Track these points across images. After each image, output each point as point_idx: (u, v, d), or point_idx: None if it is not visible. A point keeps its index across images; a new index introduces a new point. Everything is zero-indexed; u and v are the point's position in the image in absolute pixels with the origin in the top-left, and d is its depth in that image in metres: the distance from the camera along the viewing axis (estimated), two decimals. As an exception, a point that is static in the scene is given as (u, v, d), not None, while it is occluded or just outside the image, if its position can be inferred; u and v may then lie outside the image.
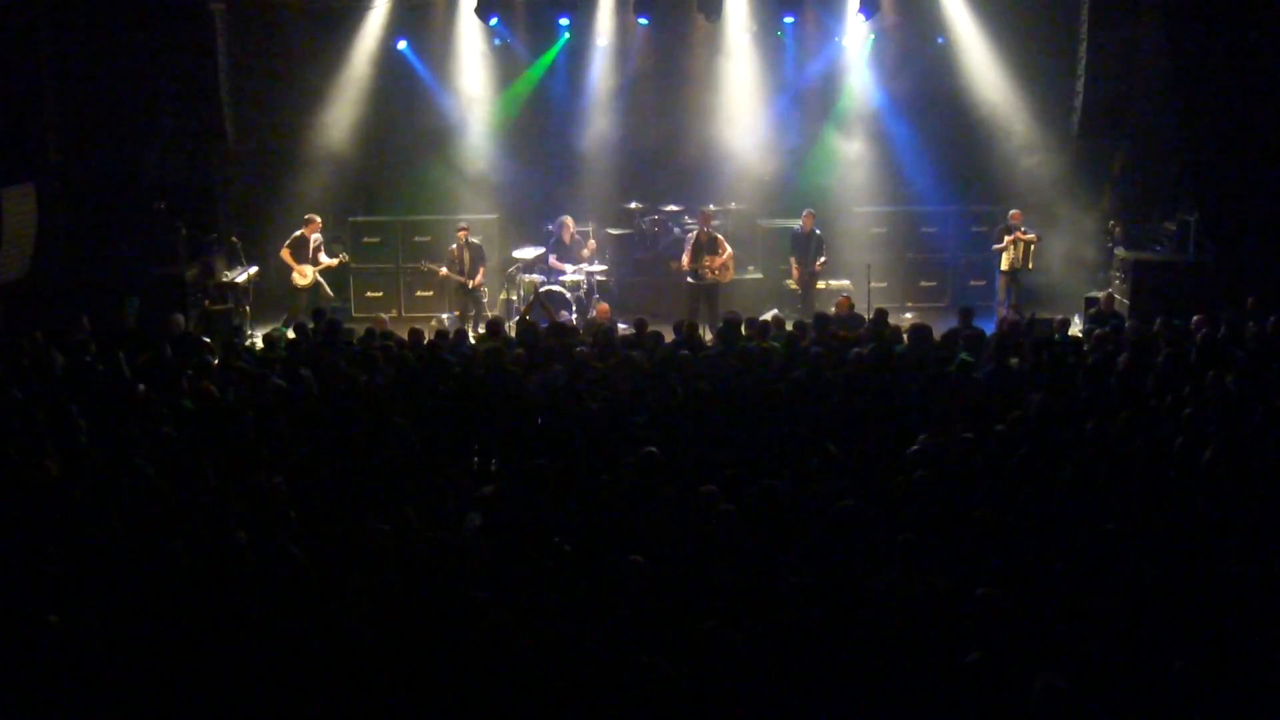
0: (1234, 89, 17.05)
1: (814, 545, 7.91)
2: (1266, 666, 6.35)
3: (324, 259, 17.11)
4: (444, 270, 16.97)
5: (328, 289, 17.27)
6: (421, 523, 8.12)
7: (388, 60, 18.63)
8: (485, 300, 17.36)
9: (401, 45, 18.56)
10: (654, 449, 9.08)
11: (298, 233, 17.04)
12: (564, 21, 18.21)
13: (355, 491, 9.03)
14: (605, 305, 16.18)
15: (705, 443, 9.82)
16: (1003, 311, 16.80)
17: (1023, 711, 5.90)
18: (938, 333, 13.12)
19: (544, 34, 18.67)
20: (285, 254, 16.99)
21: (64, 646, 6.49)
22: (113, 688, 6.29)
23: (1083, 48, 18.17)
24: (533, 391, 11.13)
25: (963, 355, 11.94)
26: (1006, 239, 17.10)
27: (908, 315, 16.86)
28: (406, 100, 18.92)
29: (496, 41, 18.65)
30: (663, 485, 8.67)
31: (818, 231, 17.37)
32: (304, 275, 16.90)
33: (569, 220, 17.58)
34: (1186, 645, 6.48)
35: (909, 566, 7.32)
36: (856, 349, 11.98)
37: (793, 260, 17.44)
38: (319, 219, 17.28)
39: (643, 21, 17.71)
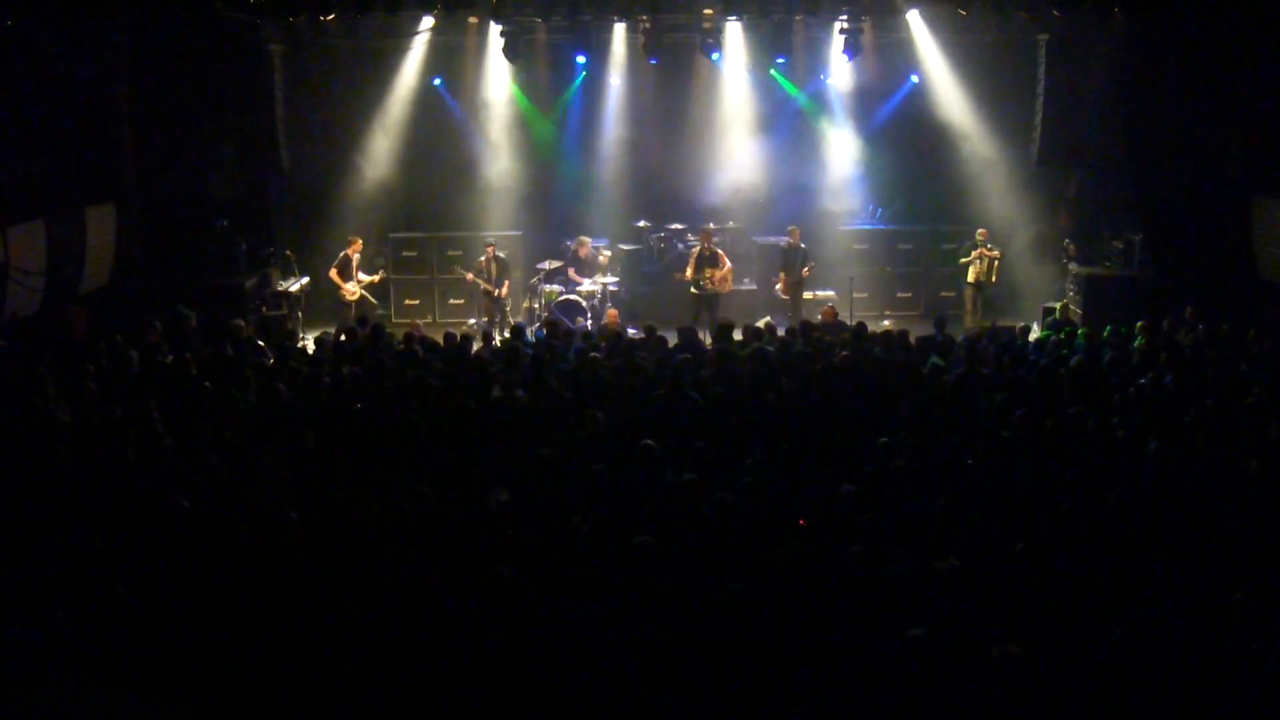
0: (1175, 123, 17.13)
1: (810, 529, 7.93)
2: (1201, 633, 6.38)
3: (363, 275, 17.12)
4: (470, 275, 17.01)
5: (371, 299, 17.29)
6: (447, 503, 8.13)
7: (425, 94, 18.73)
8: (509, 308, 17.40)
9: (436, 82, 18.69)
10: (650, 442, 9.02)
11: (342, 254, 17.06)
12: (581, 60, 18.26)
13: (391, 475, 9.04)
14: (615, 312, 16.22)
15: (706, 436, 9.80)
16: (970, 320, 16.85)
17: (982, 674, 5.93)
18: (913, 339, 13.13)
19: (563, 71, 18.76)
20: (334, 274, 17.00)
21: (134, 612, 6.55)
22: (175, 655, 6.32)
23: (1040, 86, 18.27)
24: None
25: (934, 359, 11.95)
26: (973, 254, 17.13)
27: (886, 322, 16.86)
28: (441, 130, 18.99)
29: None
30: (664, 474, 8.67)
31: (803, 245, 17.40)
32: (350, 292, 16.94)
33: (585, 238, 17.64)
34: (1130, 616, 6.50)
35: (877, 542, 7.33)
36: (841, 352, 12.00)
37: (781, 273, 17.47)
38: (359, 240, 17.27)
39: (653, 62, 17.78)
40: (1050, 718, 5.90)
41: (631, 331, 14.42)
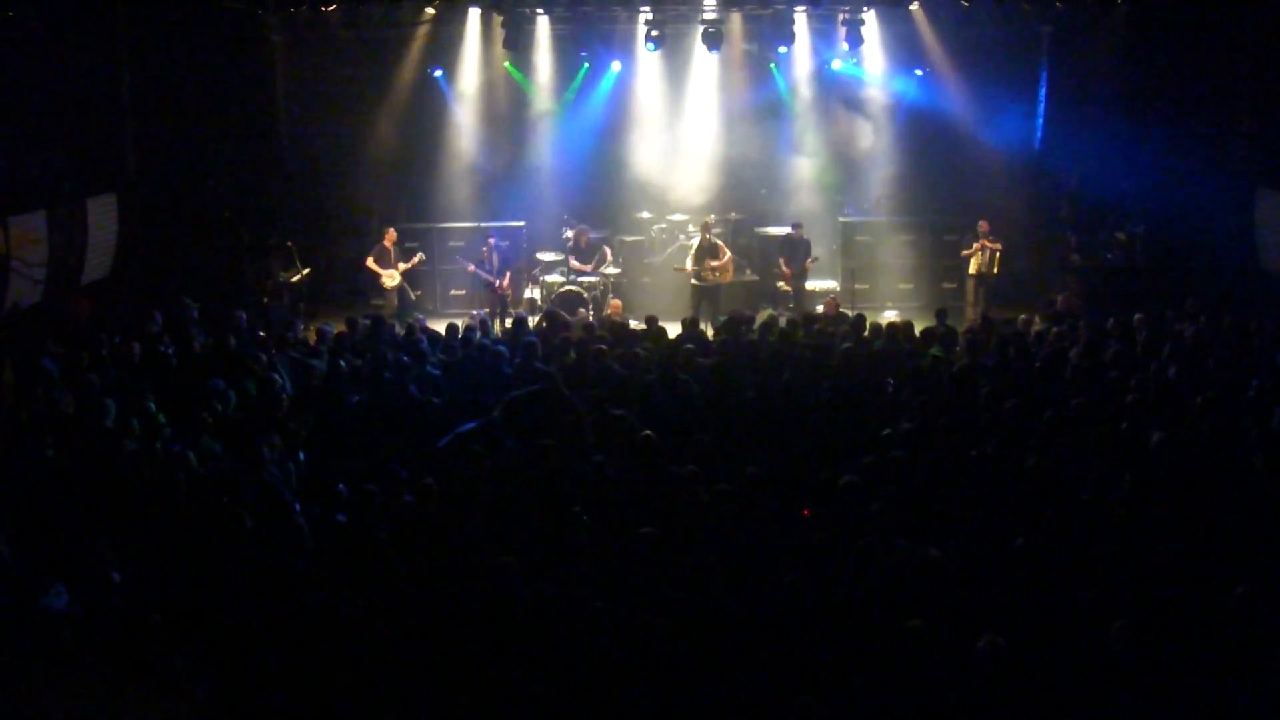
0: (1177, 115, 17.10)
1: (814, 520, 7.91)
2: (1203, 627, 6.37)
3: (402, 263, 17.09)
4: (471, 266, 17.01)
5: (408, 288, 17.41)
6: (448, 493, 8.11)
7: (426, 85, 18.69)
8: (510, 298, 17.38)
9: (437, 73, 18.64)
10: (650, 433, 8.95)
11: (377, 244, 17.04)
12: (582, 54, 18.17)
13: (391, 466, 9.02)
14: (618, 302, 16.18)
15: (709, 429, 9.75)
16: (972, 312, 16.81)
17: (970, 666, 5.93)
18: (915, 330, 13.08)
19: (564, 61, 18.70)
20: (370, 263, 16.97)
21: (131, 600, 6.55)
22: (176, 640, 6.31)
23: (1043, 79, 18.21)
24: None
25: (934, 350, 11.91)
26: (975, 246, 17.08)
27: (887, 314, 16.83)
28: (442, 120, 18.95)
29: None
30: (666, 466, 8.62)
31: (806, 237, 17.37)
32: (392, 278, 16.92)
33: (585, 228, 17.59)
34: (1131, 608, 6.48)
35: (884, 534, 7.31)
36: (844, 344, 11.96)
37: (781, 261, 17.44)
38: (393, 230, 17.22)
39: (651, 48, 17.65)
40: (1050, 711, 5.89)
41: (634, 323, 14.36)
